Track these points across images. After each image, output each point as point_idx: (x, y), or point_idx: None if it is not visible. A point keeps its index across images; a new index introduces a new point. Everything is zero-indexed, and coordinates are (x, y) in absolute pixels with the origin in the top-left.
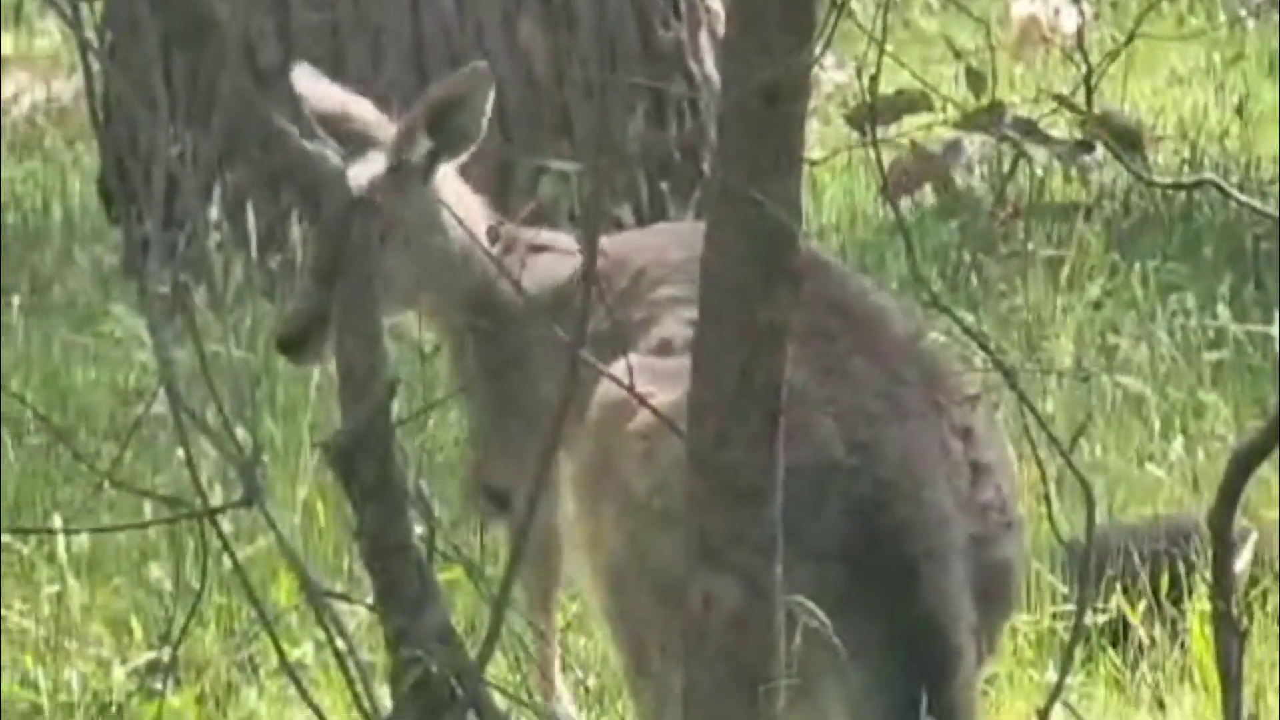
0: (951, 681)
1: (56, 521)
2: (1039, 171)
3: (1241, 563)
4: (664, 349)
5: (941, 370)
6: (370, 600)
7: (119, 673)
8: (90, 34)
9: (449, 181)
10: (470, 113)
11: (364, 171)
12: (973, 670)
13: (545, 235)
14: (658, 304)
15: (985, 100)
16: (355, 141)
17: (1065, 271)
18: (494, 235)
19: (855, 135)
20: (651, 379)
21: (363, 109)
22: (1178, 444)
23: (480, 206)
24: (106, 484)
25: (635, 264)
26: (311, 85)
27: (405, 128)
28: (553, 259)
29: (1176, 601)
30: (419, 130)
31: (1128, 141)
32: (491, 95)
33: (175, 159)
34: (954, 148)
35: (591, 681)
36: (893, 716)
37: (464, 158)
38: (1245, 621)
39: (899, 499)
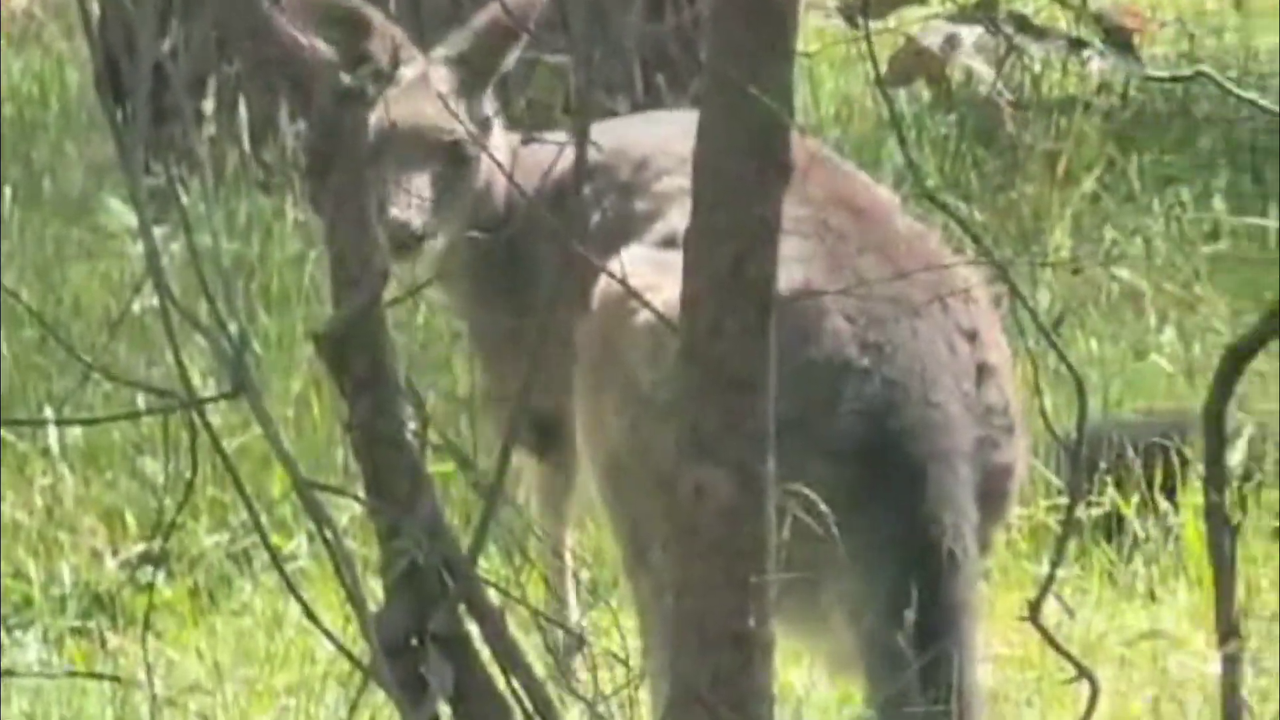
0: (954, 581)
1: (49, 414)
2: (1036, 66)
3: (1235, 456)
4: (670, 241)
5: (947, 267)
6: (361, 493)
7: (111, 565)
8: None
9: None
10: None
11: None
12: (975, 569)
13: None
14: (663, 196)
15: None
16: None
17: (1062, 165)
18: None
19: (851, 28)
20: (657, 271)
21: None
22: (1172, 337)
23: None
24: (100, 377)
25: (637, 154)
26: None
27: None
28: (540, 159)
29: (1170, 495)
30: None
31: (1120, 38)
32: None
33: (166, 52)
34: (951, 40)
35: (585, 575)
36: (894, 614)
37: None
38: (1238, 515)
39: (909, 400)
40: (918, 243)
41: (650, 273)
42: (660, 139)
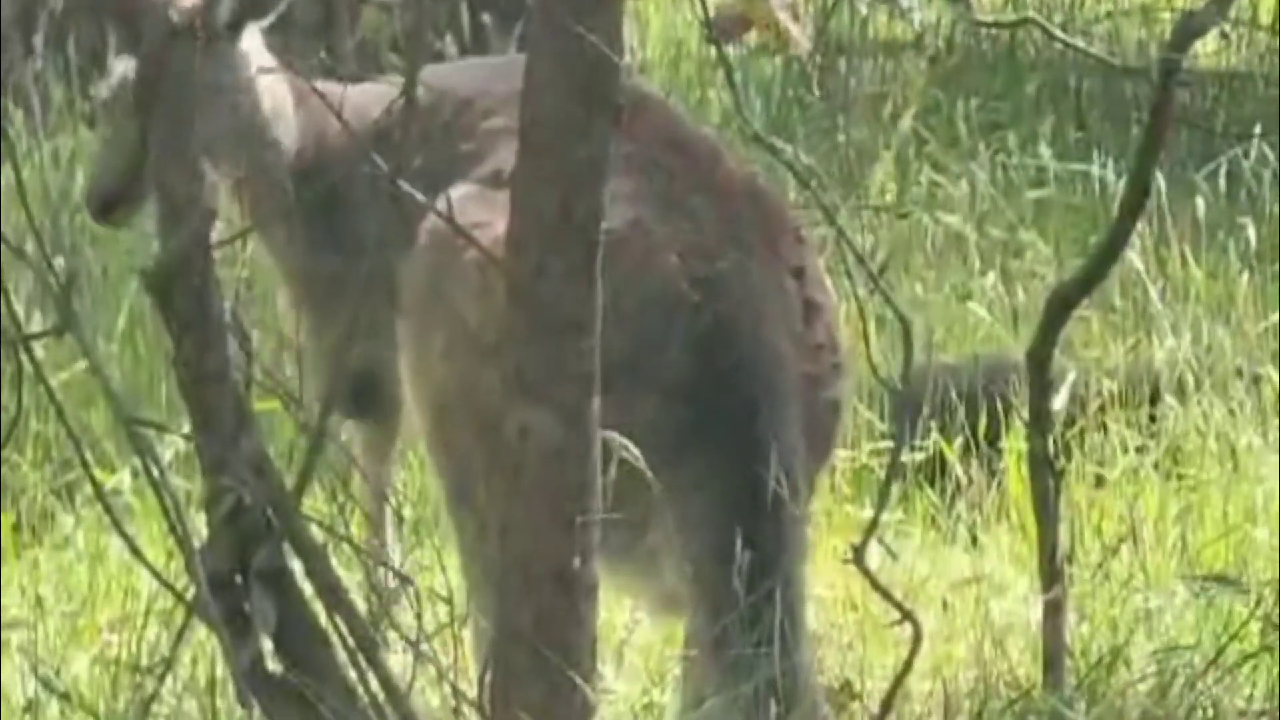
0: (782, 519)
1: None
2: (862, 9)
3: (1059, 402)
4: (497, 179)
5: (774, 207)
6: (186, 429)
7: None
8: None
9: (253, 44)
10: None
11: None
12: (803, 508)
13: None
14: (488, 135)
15: None
16: None
17: (888, 109)
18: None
19: None
20: (486, 208)
21: None
22: (997, 282)
23: (279, 69)
24: None
25: (458, 96)
26: None
27: None
28: (361, 101)
29: (993, 440)
30: None
31: None
32: None
33: None
34: None
35: (408, 513)
36: (721, 553)
37: (270, 19)
38: (1061, 460)
39: (740, 336)
40: (746, 182)
41: (478, 210)
42: (482, 80)
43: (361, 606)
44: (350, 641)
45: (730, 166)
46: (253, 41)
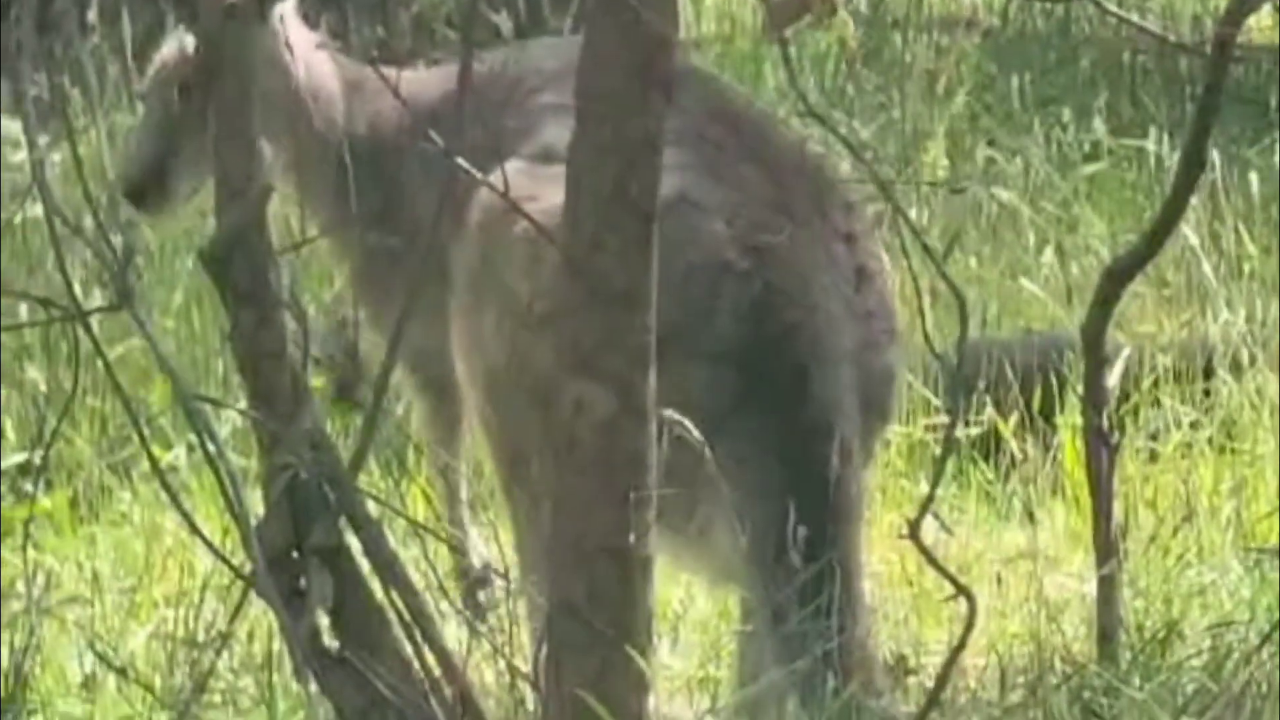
0: (841, 487)
1: None
2: None
3: (1113, 377)
4: (546, 154)
5: (824, 175)
6: (243, 405)
7: None
8: None
9: (289, 22)
10: None
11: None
12: (859, 475)
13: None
14: (537, 111)
15: None
16: None
17: (942, 84)
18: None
19: None
20: (534, 183)
21: None
22: (1051, 258)
23: (322, 48)
24: None
25: (509, 75)
26: None
27: None
28: (414, 84)
29: (1048, 415)
30: None
31: None
32: None
33: None
34: None
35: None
36: (778, 519)
37: None
38: (1116, 436)
39: (789, 302)
40: (794, 151)
41: (528, 184)
42: (532, 60)
43: (418, 581)
44: (406, 617)
45: (779, 136)
46: (288, 18)
